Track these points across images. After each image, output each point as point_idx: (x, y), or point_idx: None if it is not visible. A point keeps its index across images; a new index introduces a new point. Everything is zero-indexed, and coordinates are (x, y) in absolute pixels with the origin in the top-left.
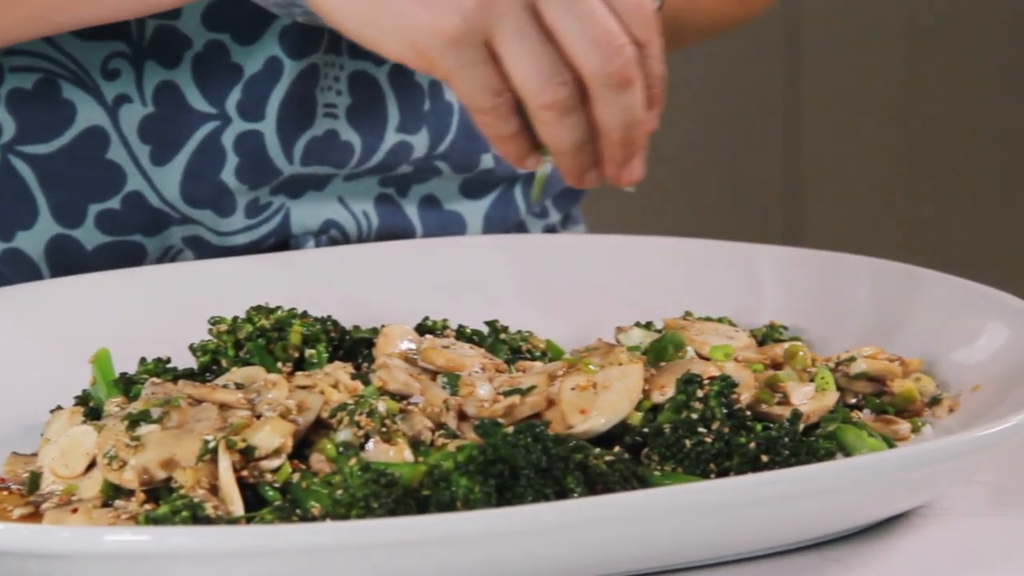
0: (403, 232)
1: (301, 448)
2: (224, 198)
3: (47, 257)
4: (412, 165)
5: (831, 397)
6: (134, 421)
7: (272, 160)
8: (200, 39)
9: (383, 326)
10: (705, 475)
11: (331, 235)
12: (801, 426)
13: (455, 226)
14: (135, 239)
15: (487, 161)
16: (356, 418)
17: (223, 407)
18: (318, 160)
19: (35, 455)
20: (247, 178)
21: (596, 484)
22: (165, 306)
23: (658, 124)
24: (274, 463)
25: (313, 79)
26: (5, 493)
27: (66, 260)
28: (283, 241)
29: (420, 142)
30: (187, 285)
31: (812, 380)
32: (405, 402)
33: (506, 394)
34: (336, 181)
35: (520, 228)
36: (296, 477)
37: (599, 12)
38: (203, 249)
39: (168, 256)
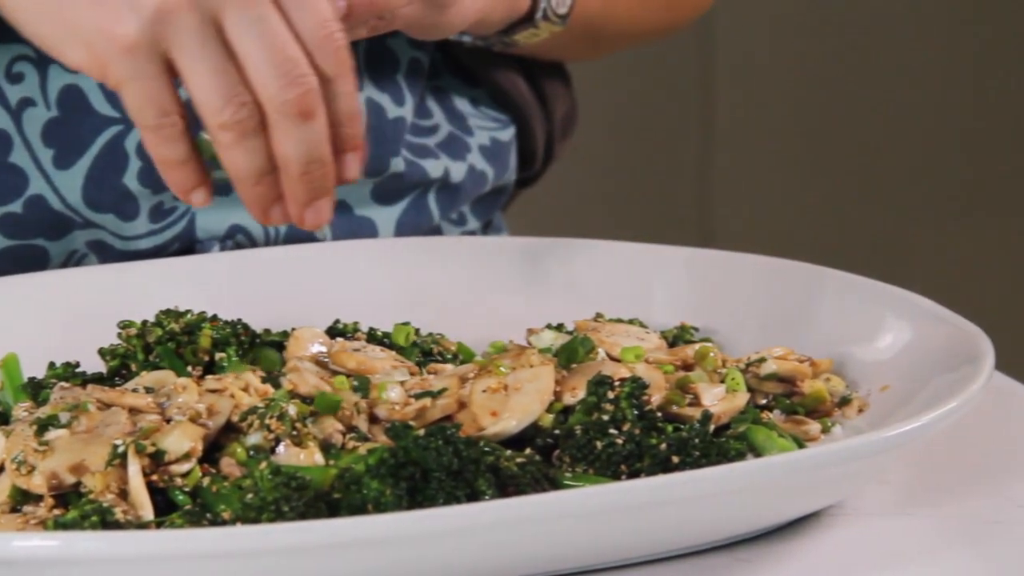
0: (311, 238)
1: (211, 452)
2: (127, 202)
3: None
4: None
5: (741, 398)
6: (43, 426)
7: None
8: None
9: (294, 329)
10: (616, 476)
11: (237, 240)
12: (712, 427)
13: (366, 232)
14: (38, 243)
15: (397, 165)
16: (267, 421)
17: (133, 411)
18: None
19: None
20: (149, 182)
21: (507, 486)
22: (74, 310)
23: (359, 173)
24: (184, 467)
25: None
26: None
27: None
28: (188, 246)
29: None
30: (96, 289)
31: (723, 381)
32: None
33: (417, 397)
34: None
35: (435, 233)
36: (206, 481)
37: (282, 38)
38: (107, 254)
39: (72, 260)
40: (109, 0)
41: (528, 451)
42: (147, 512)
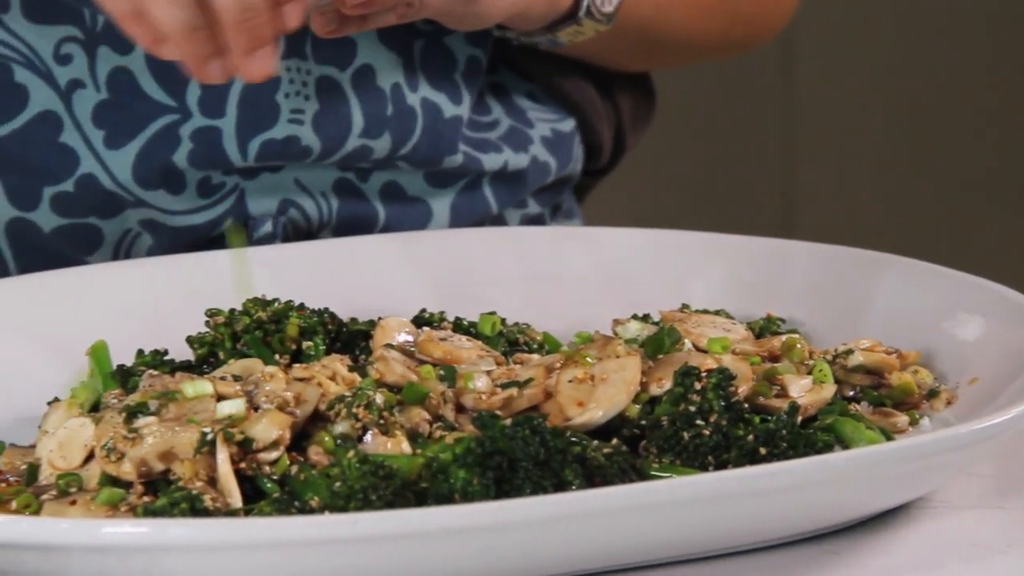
0: (365, 218)
1: (299, 440)
2: (174, 178)
3: (7, 239)
4: (372, 163)
5: (829, 390)
6: (132, 413)
7: (226, 152)
8: None
9: (380, 318)
10: (703, 467)
11: (290, 216)
12: (799, 418)
13: (420, 215)
14: (91, 221)
15: (453, 161)
16: (354, 410)
17: (221, 399)
18: (273, 158)
19: (33, 447)
20: (198, 161)
21: (594, 476)
22: (163, 298)
23: (300, 20)
24: (272, 455)
25: (272, 84)
26: (3, 485)
27: (25, 242)
28: (241, 223)
29: (382, 145)
30: (185, 277)
31: (810, 373)
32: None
33: (503, 386)
34: (292, 166)
35: (496, 220)
36: (294, 469)
37: None
38: (160, 232)
39: (126, 239)
40: None
41: (614, 441)
42: (235, 500)
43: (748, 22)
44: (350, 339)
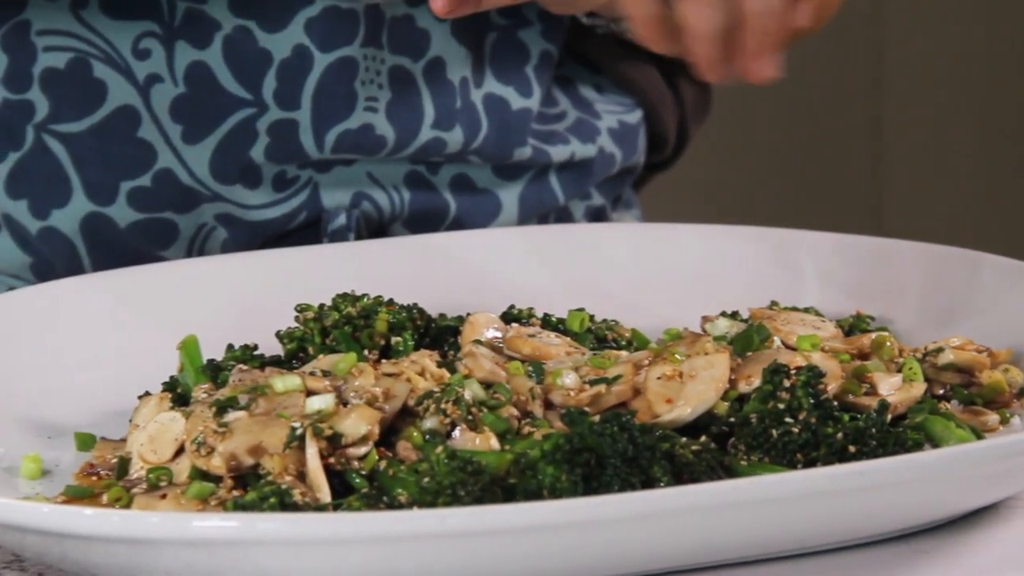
0: (437, 210)
1: (387, 436)
2: (251, 173)
3: (82, 235)
4: (444, 158)
5: (919, 388)
6: (222, 408)
7: (303, 145)
8: (228, 23)
9: (469, 314)
10: (792, 465)
11: (363, 208)
12: (888, 417)
13: (490, 206)
14: (167, 216)
15: (522, 153)
16: (442, 406)
17: (310, 394)
18: (349, 150)
19: (124, 441)
20: (275, 155)
21: (682, 474)
22: (252, 293)
23: (810, 19)
24: (361, 450)
25: (350, 72)
26: (95, 479)
27: (100, 238)
28: (315, 216)
29: (454, 139)
30: (274, 272)
31: (899, 371)
32: (491, 390)
33: (592, 383)
34: (364, 160)
35: (562, 212)
36: (383, 465)
37: None
38: (235, 226)
39: (201, 234)
40: None
41: (703, 439)
42: (324, 494)
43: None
44: (439, 335)
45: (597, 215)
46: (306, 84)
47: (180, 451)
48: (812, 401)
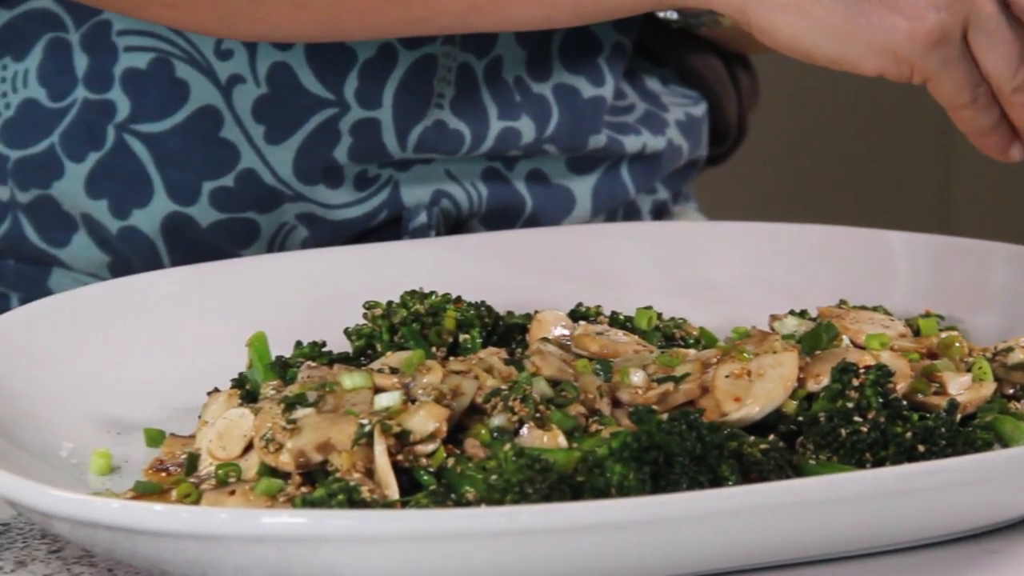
0: (513, 205)
1: (455, 433)
2: (333, 171)
3: (163, 234)
4: (521, 150)
5: (988, 387)
6: (290, 404)
7: (385, 145)
8: None
9: (537, 312)
10: (861, 464)
11: (443, 206)
12: (958, 416)
13: (564, 200)
14: (248, 216)
15: (597, 142)
16: (510, 403)
17: (378, 391)
18: (430, 148)
19: (193, 437)
20: (357, 155)
21: (750, 472)
22: (321, 290)
23: None
24: (429, 448)
25: (430, 69)
26: (164, 474)
27: (181, 237)
28: (396, 214)
29: (526, 128)
30: (342, 269)
31: (969, 370)
32: (559, 388)
33: (660, 381)
34: (443, 158)
35: (630, 206)
36: (451, 462)
37: None
38: (316, 225)
39: (281, 233)
40: (905, 7)
41: (771, 437)
42: (392, 491)
43: None
44: (506, 332)
45: (661, 209)
46: (388, 81)
47: (249, 447)
48: (881, 400)
